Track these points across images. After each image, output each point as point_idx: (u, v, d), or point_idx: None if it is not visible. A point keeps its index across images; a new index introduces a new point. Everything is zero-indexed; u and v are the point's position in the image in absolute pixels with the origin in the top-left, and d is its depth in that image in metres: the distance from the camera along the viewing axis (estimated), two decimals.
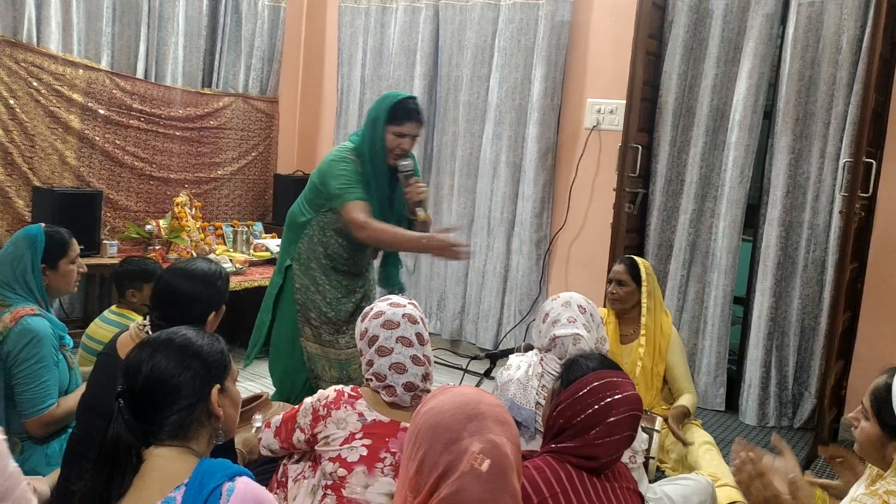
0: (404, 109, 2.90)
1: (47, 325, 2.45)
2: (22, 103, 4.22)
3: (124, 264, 3.40)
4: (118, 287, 3.33)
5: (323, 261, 3.03)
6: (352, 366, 3.10)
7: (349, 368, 3.11)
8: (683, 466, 2.98)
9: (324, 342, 3.07)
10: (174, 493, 1.31)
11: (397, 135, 2.89)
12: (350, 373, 3.10)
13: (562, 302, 2.59)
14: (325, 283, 3.04)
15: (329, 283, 3.05)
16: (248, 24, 5.30)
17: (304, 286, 3.05)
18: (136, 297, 3.26)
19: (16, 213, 4.23)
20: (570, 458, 1.71)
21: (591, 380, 1.74)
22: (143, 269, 3.29)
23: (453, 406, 1.37)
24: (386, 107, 2.90)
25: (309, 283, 3.04)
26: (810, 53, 3.89)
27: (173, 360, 1.43)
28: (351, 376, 3.09)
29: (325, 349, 3.08)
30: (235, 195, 5.41)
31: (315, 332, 3.07)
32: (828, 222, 3.92)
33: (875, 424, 1.77)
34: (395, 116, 2.89)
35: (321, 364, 3.08)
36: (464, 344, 5.11)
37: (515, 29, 4.70)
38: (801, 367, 4.04)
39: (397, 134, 2.89)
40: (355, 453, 1.84)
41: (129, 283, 3.27)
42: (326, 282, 3.05)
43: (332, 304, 3.05)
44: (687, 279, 4.27)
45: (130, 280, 3.27)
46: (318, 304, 3.04)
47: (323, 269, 3.04)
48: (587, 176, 4.59)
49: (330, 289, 3.04)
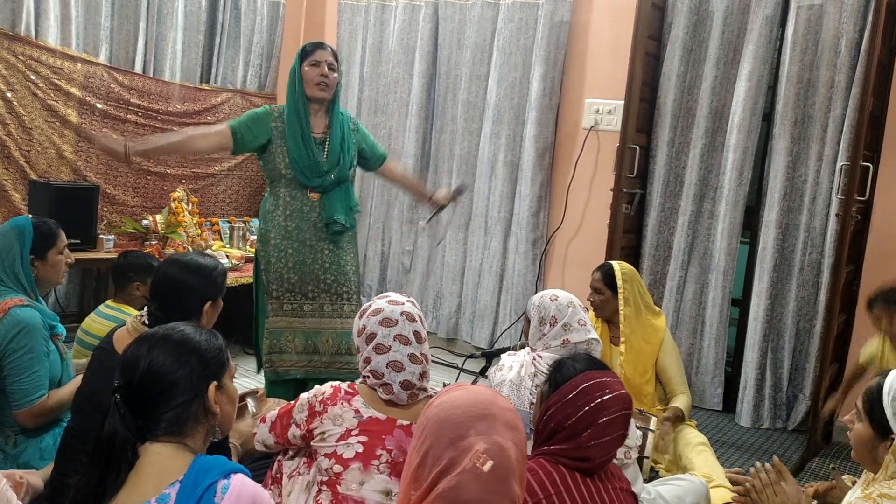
0: (313, 44, 3.12)
1: (37, 315, 2.44)
2: (19, 97, 4.21)
3: (128, 257, 3.36)
4: (119, 280, 3.29)
5: (281, 223, 3.06)
6: (319, 337, 3.11)
7: (316, 339, 3.11)
8: (677, 467, 2.99)
9: (287, 312, 3.09)
10: (168, 490, 1.31)
11: (313, 64, 3.03)
12: (316, 343, 3.11)
13: (565, 303, 2.59)
14: (285, 247, 3.06)
15: (290, 247, 3.06)
16: (248, 20, 5.29)
17: (265, 258, 3.10)
18: (140, 290, 3.22)
19: (12, 207, 4.22)
20: (563, 460, 1.71)
21: (580, 381, 1.74)
22: (148, 263, 3.27)
23: (465, 403, 1.37)
24: (298, 52, 3.10)
25: (271, 252, 3.08)
26: (809, 56, 3.90)
27: (171, 355, 1.42)
28: (317, 347, 3.11)
29: (290, 319, 3.10)
30: (232, 191, 5.41)
31: (278, 305, 3.09)
32: (824, 225, 3.93)
33: (867, 425, 1.78)
34: (306, 52, 3.07)
35: (285, 336, 3.09)
36: (460, 342, 5.11)
37: (515, 28, 4.71)
38: (796, 370, 4.05)
39: (313, 64, 3.03)
40: (351, 450, 1.84)
41: (134, 275, 3.24)
42: (288, 245, 3.06)
43: (294, 268, 3.06)
44: (685, 280, 4.28)
45: (136, 273, 3.24)
46: (280, 271, 3.07)
47: (281, 233, 3.06)
48: (585, 176, 4.59)
49: (292, 252, 3.06)
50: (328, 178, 3.04)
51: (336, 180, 3.06)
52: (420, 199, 3.61)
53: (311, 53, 3.05)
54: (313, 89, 3.03)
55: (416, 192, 3.61)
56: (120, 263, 3.34)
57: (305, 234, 3.06)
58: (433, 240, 3.33)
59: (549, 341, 2.56)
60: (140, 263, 3.28)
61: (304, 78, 3.03)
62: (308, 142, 3.02)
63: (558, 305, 2.59)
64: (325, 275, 3.09)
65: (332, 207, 3.07)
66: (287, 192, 3.06)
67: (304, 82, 3.03)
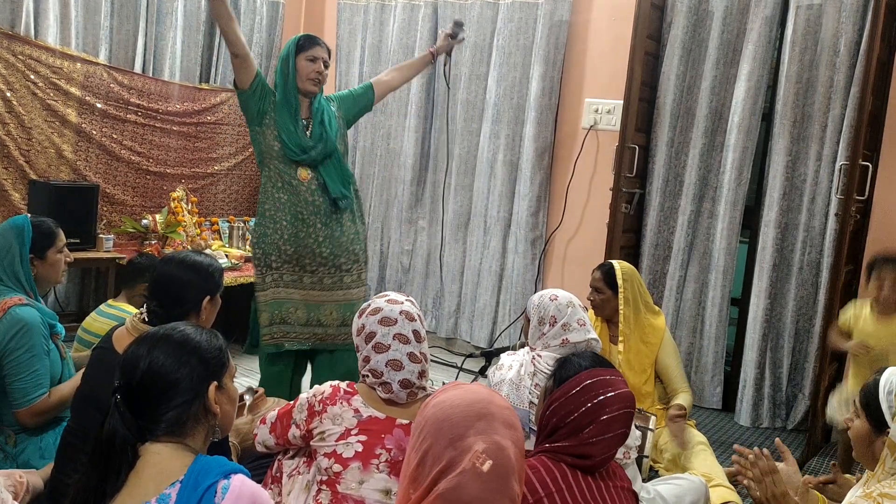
0: (308, 38, 3.17)
1: (36, 314, 2.44)
2: (19, 96, 4.21)
3: (135, 260, 3.47)
4: (131, 279, 3.36)
5: (273, 194, 3.10)
6: (322, 310, 3.15)
7: (318, 312, 3.15)
8: (677, 466, 2.99)
9: (287, 283, 3.14)
10: (169, 490, 1.30)
11: (310, 59, 3.09)
12: (319, 316, 3.15)
13: (565, 303, 2.59)
14: (280, 218, 3.10)
15: (284, 219, 3.09)
16: (247, 20, 5.29)
17: (262, 233, 3.13)
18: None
19: (12, 207, 4.22)
20: (564, 458, 1.71)
21: (584, 378, 1.74)
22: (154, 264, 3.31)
23: (463, 403, 1.37)
24: (292, 43, 3.15)
25: (266, 223, 3.12)
26: (808, 56, 3.90)
27: (171, 355, 1.42)
28: (321, 320, 3.15)
29: (290, 290, 3.14)
30: (232, 191, 5.41)
31: (279, 275, 3.13)
32: (823, 225, 3.93)
33: (865, 421, 1.79)
34: (302, 46, 3.12)
35: (286, 307, 3.13)
36: (459, 342, 5.11)
37: (514, 28, 4.71)
38: (795, 369, 4.05)
39: (310, 59, 3.09)
40: (350, 449, 1.84)
41: (140, 277, 3.32)
42: (282, 217, 3.09)
43: (289, 240, 3.09)
44: (684, 280, 4.28)
45: (142, 274, 3.32)
46: (277, 243, 3.10)
47: (274, 204, 3.10)
48: (584, 176, 4.60)
49: (287, 225, 3.09)
50: (315, 152, 3.08)
51: (323, 153, 3.10)
52: (426, 66, 3.66)
53: (307, 48, 3.09)
54: (306, 83, 3.09)
55: (418, 68, 3.65)
56: (137, 262, 3.44)
57: (298, 208, 3.10)
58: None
59: (549, 341, 2.56)
60: (147, 264, 3.38)
61: (298, 71, 3.09)
62: (297, 124, 3.08)
63: (558, 305, 2.59)
64: (319, 248, 3.13)
65: (333, 183, 3.12)
66: (277, 168, 3.09)
67: (298, 75, 3.09)
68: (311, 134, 3.11)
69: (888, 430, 1.73)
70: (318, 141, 3.10)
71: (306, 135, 3.10)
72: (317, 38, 3.18)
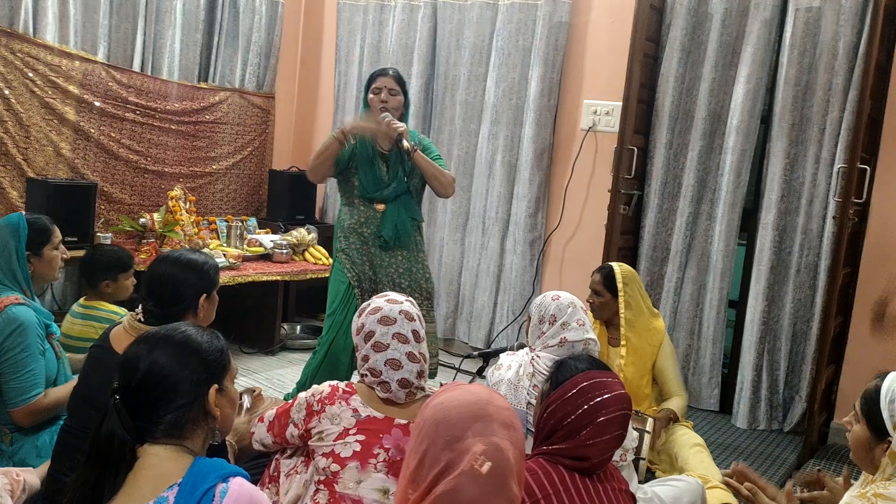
0: (374, 72, 3.43)
1: (32, 313, 2.44)
2: (17, 94, 4.20)
3: (95, 254, 3.25)
4: (89, 278, 3.18)
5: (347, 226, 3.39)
6: None
7: None
8: (674, 468, 2.99)
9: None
10: (167, 493, 1.30)
11: (374, 92, 3.31)
12: None
13: (566, 302, 2.60)
14: (346, 247, 3.38)
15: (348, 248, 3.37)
16: (246, 19, 5.29)
17: (345, 264, 3.40)
18: (111, 288, 3.14)
19: (9, 204, 4.21)
20: (562, 460, 1.71)
21: (580, 380, 1.75)
22: (117, 259, 3.19)
23: (461, 404, 1.37)
24: (365, 83, 3.42)
25: (351, 254, 3.38)
26: (807, 59, 3.91)
27: (172, 357, 1.40)
28: None
29: None
30: (230, 190, 5.40)
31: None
32: (821, 227, 3.93)
33: (864, 427, 1.79)
34: (369, 81, 3.37)
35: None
36: (457, 343, 5.11)
37: (513, 29, 4.71)
38: (793, 372, 4.05)
39: (374, 91, 3.31)
40: (349, 449, 1.84)
41: (102, 273, 3.13)
42: (347, 246, 3.38)
43: (350, 268, 3.36)
44: (682, 281, 4.29)
45: (104, 270, 3.13)
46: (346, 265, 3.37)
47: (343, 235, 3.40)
48: (582, 177, 4.60)
49: (353, 252, 3.36)
50: (388, 191, 3.31)
51: (395, 192, 3.32)
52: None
53: (373, 80, 3.32)
54: (376, 114, 3.26)
55: None
56: (87, 261, 3.24)
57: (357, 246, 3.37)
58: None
59: (548, 340, 2.56)
60: (107, 260, 3.18)
61: (370, 105, 3.31)
62: (375, 162, 3.31)
63: (558, 304, 2.60)
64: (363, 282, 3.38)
65: (385, 222, 3.33)
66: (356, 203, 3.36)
67: (370, 107, 3.31)
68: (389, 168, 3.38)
69: (889, 438, 1.73)
70: (393, 180, 3.37)
71: (384, 170, 3.37)
72: (384, 70, 3.42)
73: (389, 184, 3.32)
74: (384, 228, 3.31)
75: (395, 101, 3.29)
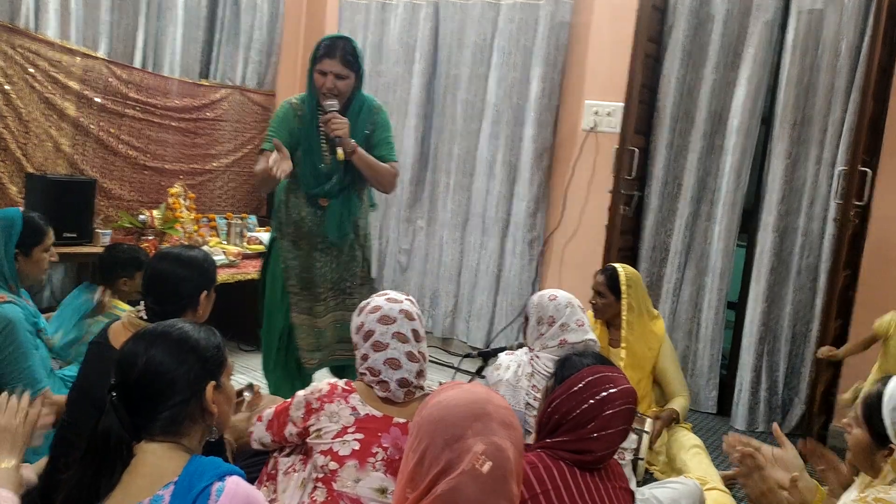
0: (322, 46, 2.85)
1: (19, 311, 2.43)
2: (17, 89, 4.19)
3: (113, 252, 3.28)
4: (106, 275, 3.21)
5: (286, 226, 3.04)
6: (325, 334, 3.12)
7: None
8: (672, 470, 2.99)
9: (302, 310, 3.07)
10: (163, 492, 1.29)
11: (320, 73, 2.83)
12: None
13: (564, 303, 2.59)
14: (290, 247, 3.03)
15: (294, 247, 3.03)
16: (248, 17, 5.28)
17: (282, 253, 3.05)
18: (128, 286, 3.19)
19: (9, 200, 4.20)
20: (564, 455, 1.70)
21: (586, 375, 1.75)
22: (135, 257, 3.23)
23: (461, 403, 1.37)
24: (314, 48, 2.86)
25: (286, 247, 3.04)
26: (809, 60, 3.90)
27: (169, 353, 1.40)
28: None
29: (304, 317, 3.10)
30: (230, 187, 5.39)
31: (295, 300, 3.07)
32: (822, 229, 3.93)
33: (866, 432, 1.79)
34: (315, 56, 2.84)
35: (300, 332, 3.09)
36: (456, 342, 5.10)
37: (515, 28, 4.70)
38: (792, 373, 4.05)
39: (320, 72, 2.83)
40: (347, 447, 1.84)
41: (121, 271, 3.19)
42: (292, 246, 3.03)
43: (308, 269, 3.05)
44: (681, 282, 4.28)
45: (123, 268, 3.19)
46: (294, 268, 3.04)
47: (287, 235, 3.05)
48: (583, 177, 4.59)
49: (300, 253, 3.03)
50: (329, 186, 2.94)
51: (338, 186, 2.95)
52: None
53: (318, 60, 2.84)
54: (321, 99, 2.88)
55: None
56: (106, 258, 3.27)
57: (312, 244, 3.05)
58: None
59: (547, 341, 2.56)
60: (126, 258, 3.23)
61: (315, 83, 2.87)
62: (315, 154, 2.91)
63: (556, 305, 2.59)
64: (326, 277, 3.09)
65: (328, 221, 3.00)
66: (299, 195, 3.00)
67: (316, 87, 2.87)
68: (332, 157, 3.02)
69: (891, 444, 1.73)
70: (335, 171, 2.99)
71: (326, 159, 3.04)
72: (332, 46, 2.87)
73: (331, 176, 2.94)
74: (328, 229, 2.99)
75: (343, 86, 2.84)
